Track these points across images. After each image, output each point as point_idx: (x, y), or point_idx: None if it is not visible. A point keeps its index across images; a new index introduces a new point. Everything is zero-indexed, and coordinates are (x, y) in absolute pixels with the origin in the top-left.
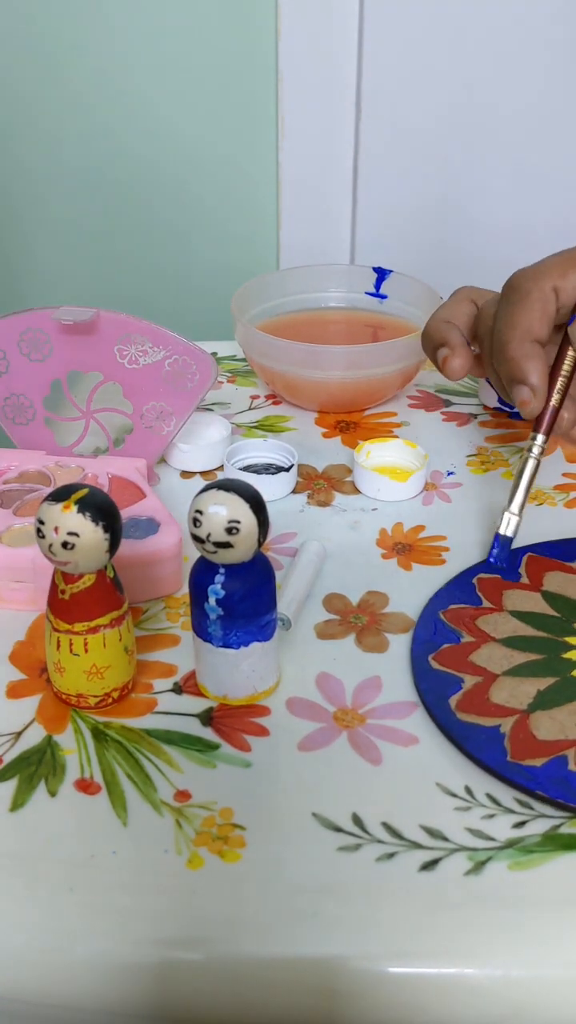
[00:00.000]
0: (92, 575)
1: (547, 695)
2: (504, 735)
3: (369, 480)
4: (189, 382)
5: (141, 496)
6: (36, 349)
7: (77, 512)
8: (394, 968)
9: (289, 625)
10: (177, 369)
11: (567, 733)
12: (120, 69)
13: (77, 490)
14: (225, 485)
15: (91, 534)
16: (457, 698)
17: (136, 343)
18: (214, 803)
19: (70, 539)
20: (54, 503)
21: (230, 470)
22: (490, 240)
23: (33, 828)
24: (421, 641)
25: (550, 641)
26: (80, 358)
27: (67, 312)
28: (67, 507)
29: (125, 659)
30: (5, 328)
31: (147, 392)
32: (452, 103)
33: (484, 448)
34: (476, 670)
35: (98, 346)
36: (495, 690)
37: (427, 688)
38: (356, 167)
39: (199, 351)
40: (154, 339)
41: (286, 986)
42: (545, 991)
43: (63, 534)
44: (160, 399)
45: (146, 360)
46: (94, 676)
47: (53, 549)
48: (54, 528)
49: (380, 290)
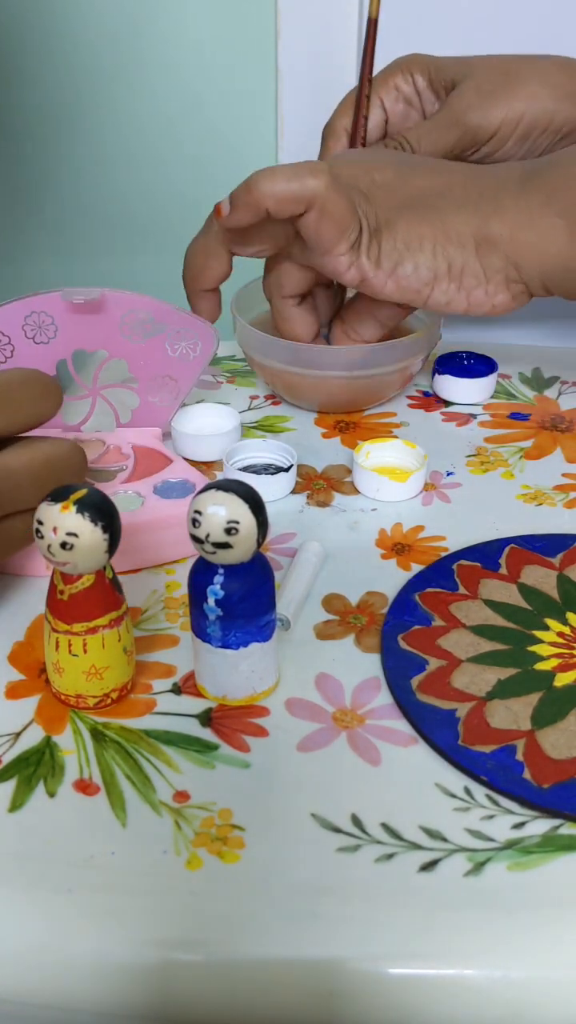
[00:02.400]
0: (91, 575)
1: (507, 685)
2: (459, 719)
3: (368, 480)
4: (192, 352)
5: (168, 461)
6: (41, 331)
7: (76, 512)
8: (394, 969)
9: (288, 626)
10: (180, 341)
11: (519, 724)
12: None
13: (76, 490)
14: (224, 485)
15: (90, 534)
16: (419, 679)
17: (140, 318)
18: (213, 804)
19: (69, 539)
20: (52, 503)
21: (229, 470)
22: None
23: (32, 829)
24: (394, 620)
25: (519, 633)
26: (86, 337)
27: (74, 292)
28: (66, 507)
29: (124, 660)
30: (9, 313)
31: (152, 366)
32: None
33: (484, 448)
34: (442, 654)
35: (103, 324)
36: (457, 675)
37: (392, 666)
38: None
39: (200, 322)
40: (157, 313)
41: (285, 987)
42: (545, 992)
43: (62, 534)
44: (165, 371)
45: (149, 335)
46: (93, 677)
47: (52, 550)
48: (52, 528)
49: None
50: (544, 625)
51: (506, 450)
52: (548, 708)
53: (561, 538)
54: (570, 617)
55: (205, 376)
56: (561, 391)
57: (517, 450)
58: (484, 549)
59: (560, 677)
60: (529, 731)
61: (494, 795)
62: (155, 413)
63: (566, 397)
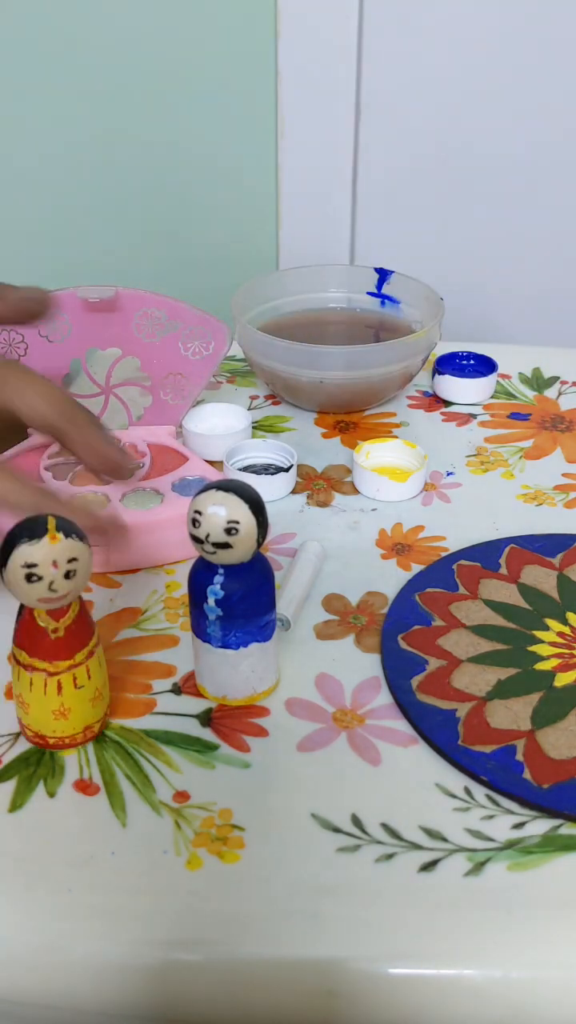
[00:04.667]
0: (76, 603)
1: (507, 685)
2: (459, 720)
3: (368, 480)
4: (205, 350)
5: (184, 459)
6: (56, 330)
7: (66, 538)
8: (393, 969)
9: (288, 626)
10: (193, 339)
11: (519, 724)
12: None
13: (41, 520)
14: (224, 486)
15: (85, 553)
16: (419, 679)
17: (153, 316)
18: (213, 804)
19: (71, 567)
20: (33, 541)
21: (229, 470)
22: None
23: (32, 829)
24: (394, 620)
25: (518, 633)
26: (100, 335)
27: (90, 290)
28: (54, 538)
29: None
30: None
31: (165, 364)
32: (452, 103)
33: (483, 448)
34: (442, 654)
35: (117, 323)
36: (457, 675)
37: (392, 667)
38: (356, 167)
39: (214, 320)
40: (170, 312)
41: (285, 987)
42: (545, 992)
43: (63, 566)
44: (178, 369)
45: (163, 333)
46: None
47: (55, 586)
48: (52, 564)
49: (382, 291)
50: (544, 625)
51: (506, 450)
52: (548, 708)
53: (561, 538)
54: (570, 617)
55: None
56: (561, 391)
57: (517, 450)
58: (484, 549)
59: (560, 677)
60: (529, 731)
61: (494, 795)
62: (167, 411)
63: (566, 397)
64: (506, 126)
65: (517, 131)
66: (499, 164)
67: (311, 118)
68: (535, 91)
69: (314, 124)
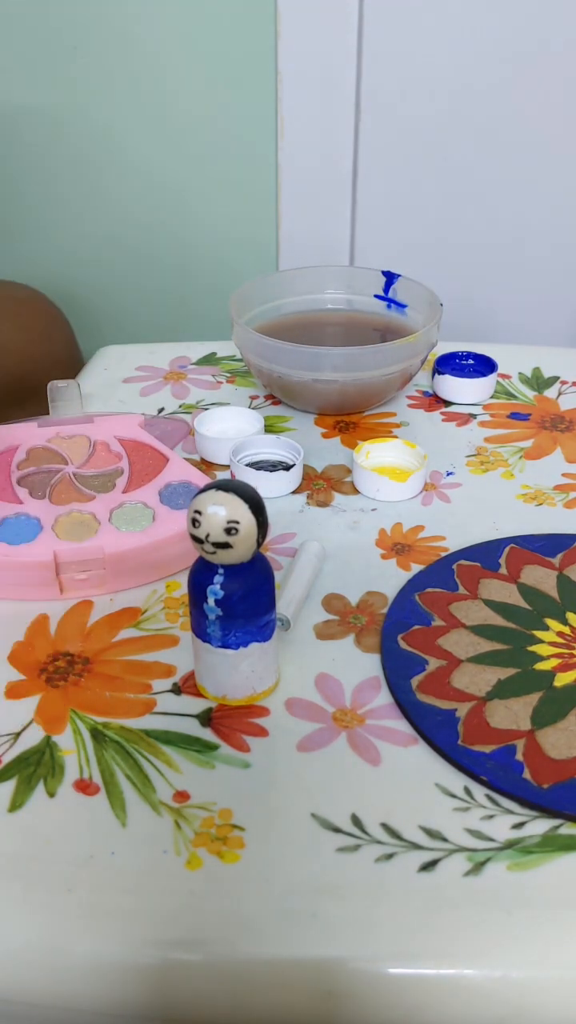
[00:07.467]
0: None
1: (506, 685)
2: (459, 719)
3: (368, 480)
4: None
5: (163, 459)
6: None
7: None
8: (393, 969)
9: (288, 625)
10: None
11: (519, 724)
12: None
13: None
14: (224, 485)
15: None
16: (419, 679)
17: None
18: (213, 804)
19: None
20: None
21: (236, 467)
22: (490, 240)
23: (32, 829)
24: (394, 620)
25: (518, 633)
26: None
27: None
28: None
29: None
30: None
31: None
32: (452, 103)
33: (483, 448)
34: (442, 654)
35: None
36: (457, 675)
37: (392, 667)
38: (356, 167)
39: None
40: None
41: (285, 987)
42: (545, 991)
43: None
44: None
45: None
46: None
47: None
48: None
49: (388, 294)
50: (544, 625)
51: (506, 450)
52: (548, 708)
53: (561, 538)
54: (570, 617)
55: (205, 376)
56: (561, 391)
57: (517, 450)
58: (484, 549)
59: (560, 677)
60: (529, 731)
61: (494, 795)
62: None
63: (566, 397)
64: (505, 126)
65: (517, 131)
66: (499, 164)
67: (311, 118)
68: (535, 91)
69: (314, 124)
